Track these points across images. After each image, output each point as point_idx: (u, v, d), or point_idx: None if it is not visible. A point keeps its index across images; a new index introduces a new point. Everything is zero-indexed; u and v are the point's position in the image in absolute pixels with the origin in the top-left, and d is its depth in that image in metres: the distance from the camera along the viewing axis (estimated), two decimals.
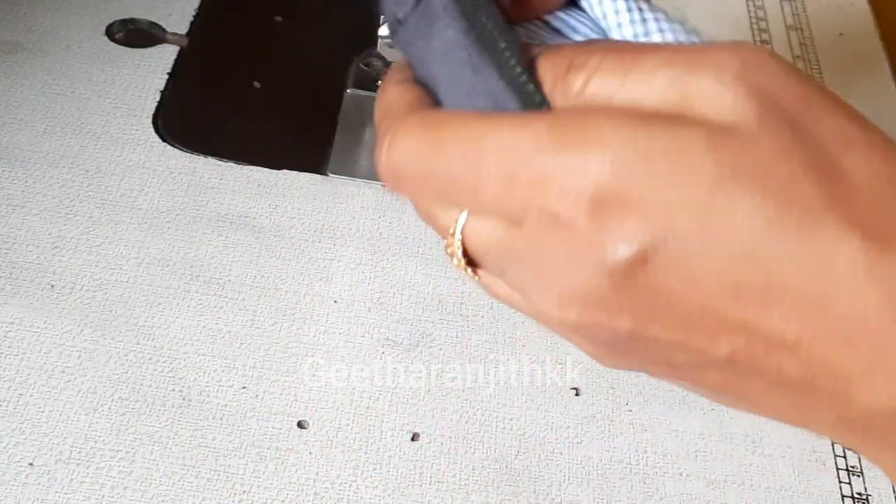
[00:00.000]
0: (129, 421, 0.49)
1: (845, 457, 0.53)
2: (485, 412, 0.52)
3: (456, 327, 0.56)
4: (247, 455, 0.49)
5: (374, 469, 0.49)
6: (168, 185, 0.60)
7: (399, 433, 0.51)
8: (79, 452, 0.47)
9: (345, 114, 0.69)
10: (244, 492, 0.47)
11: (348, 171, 0.64)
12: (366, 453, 0.50)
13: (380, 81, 0.70)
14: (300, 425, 0.50)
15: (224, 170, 0.62)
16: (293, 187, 0.62)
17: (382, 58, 0.69)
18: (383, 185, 0.63)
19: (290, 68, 0.73)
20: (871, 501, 0.52)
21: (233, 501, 0.47)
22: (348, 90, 0.70)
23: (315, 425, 0.50)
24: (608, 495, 0.50)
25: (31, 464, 0.47)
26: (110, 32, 0.69)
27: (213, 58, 0.71)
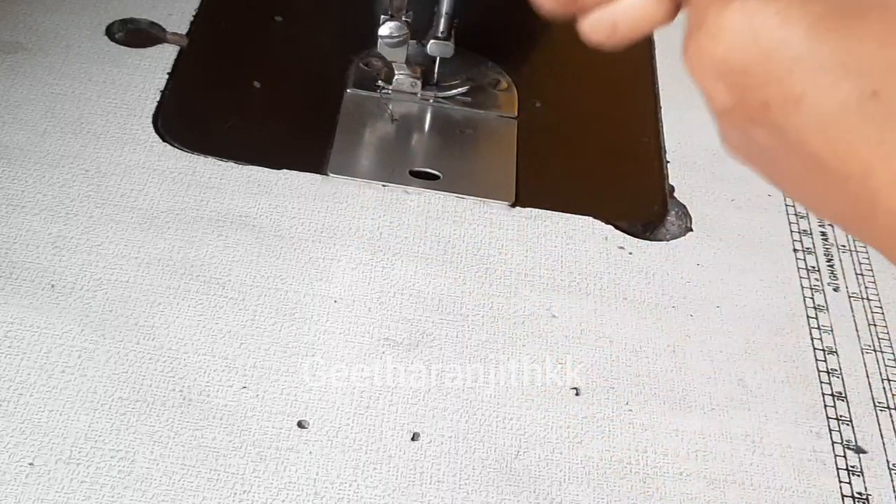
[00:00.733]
0: (130, 421, 0.49)
1: (845, 457, 0.53)
2: (485, 412, 0.52)
3: (456, 327, 0.56)
4: (247, 455, 0.49)
5: (374, 469, 0.49)
6: (168, 185, 0.60)
7: (399, 433, 0.51)
8: (79, 452, 0.47)
9: (345, 114, 0.69)
10: (244, 492, 0.47)
11: (348, 171, 0.64)
12: (366, 453, 0.50)
13: (380, 81, 0.70)
14: (300, 425, 0.50)
15: (224, 170, 0.62)
16: (293, 187, 0.62)
17: (382, 58, 0.69)
18: (384, 185, 0.63)
19: (290, 68, 0.73)
20: (871, 501, 0.52)
21: (233, 501, 0.47)
22: (348, 90, 0.70)
23: (315, 425, 0.50)
24: (608, 495, 0.50)
25: (31, 464, 0.47)
26: (110, 32, 0.69)
27: (213, 58, 0.71)
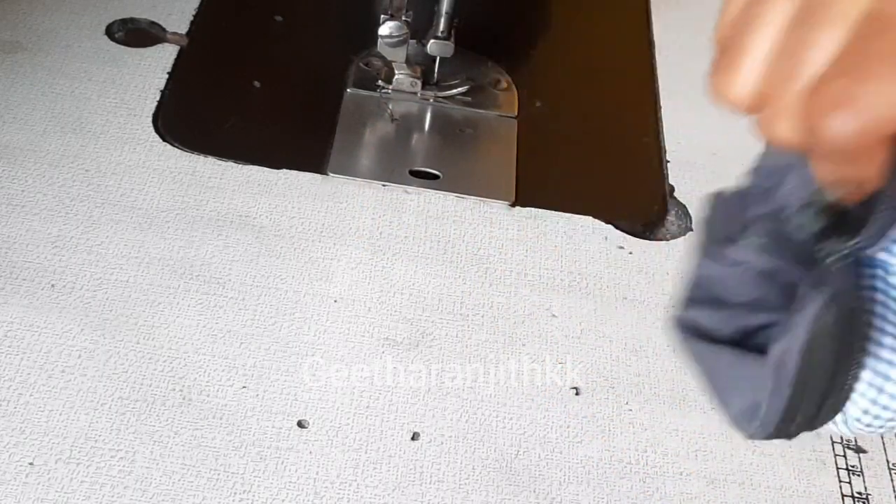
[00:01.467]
0: (130, 420, 0.49)
1: (845, 456, 0.53)
2: (485, 412, 0.52)
3: (456, 327, 0.56)
4: (247, 455, 0.49)
5: (374, 469, 0.49)
6: (168, 185, 0.60)
7: (399, 433, 0.51)
8: (79, 452, 0.47)
9: (345, 114, 0.69)
10: (244, 491, 0.47)
11: (348, 170, 0.64)
12: (366, 453, 0.50)
13: (380, 81, 0.70)
14: (300, 425, 0.50)
15: (224, 170, 0.62)
16: (293, 187, 0.62)
17: (382, 58, 0.69)
18: (384, 185, 0.63)
19: (290, 68, 0.73)
20: (871, 501, 0.52)
21: (233, 501, 0.47)
22: (348, 90, 0.70)
23: (315, 425, 0.50)
24: (608, 495, 0.50)
25: (31, 463, 0.47)
26: (110, 32, 0.69)
27: (213, 58, 0.71)
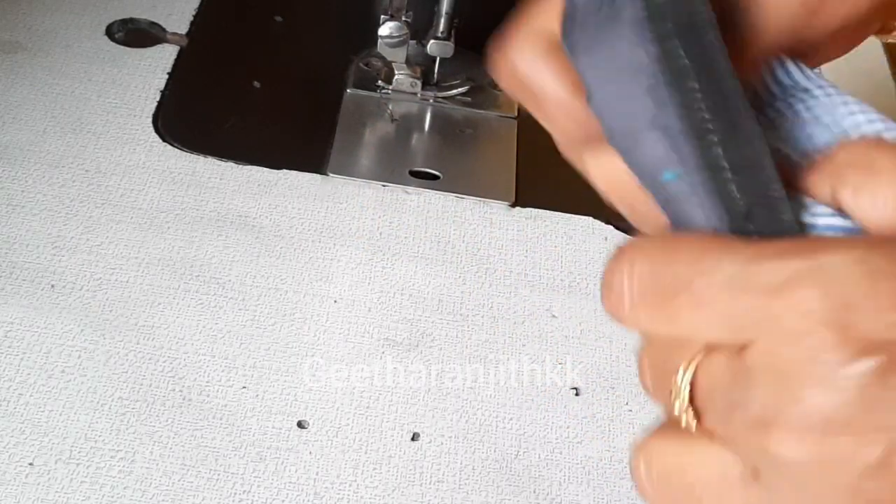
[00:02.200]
0: (129, 421, 0.49)
1: None
2: (485, 412, 0.52)
3: (456, 327, 0.56)
4: (247, 455, 0.49)
5: (374, 469, 0.49)
6: (168, 185, 0.60)
7: (399, 433, 0.51)
8: (79, 452, 0.47)
9: (345, 114, 0.69)
10: (244, 492, 0.47)
11: (348, 171, 0.64)
12: (366, 453, 0.50)
13: (380, 81, 0.70)
14: (300, 425, 0.50)
15: (224, 170, 0.62)
16: (293, 187, 0.62)
17: (382, 58, 0.69)
18: (384, 185, 0.63)
19: (290, 68, 0.73)
20: None
21: (233, 501, 0.47)
22: (348, 90, 0.70)
23: (315, 425, 0.50)
24: (608, 495, 0.50)
25: (31, 464, 0.47)
26: (110, 32, 0.69)
27: (213, 58, 0.71)
